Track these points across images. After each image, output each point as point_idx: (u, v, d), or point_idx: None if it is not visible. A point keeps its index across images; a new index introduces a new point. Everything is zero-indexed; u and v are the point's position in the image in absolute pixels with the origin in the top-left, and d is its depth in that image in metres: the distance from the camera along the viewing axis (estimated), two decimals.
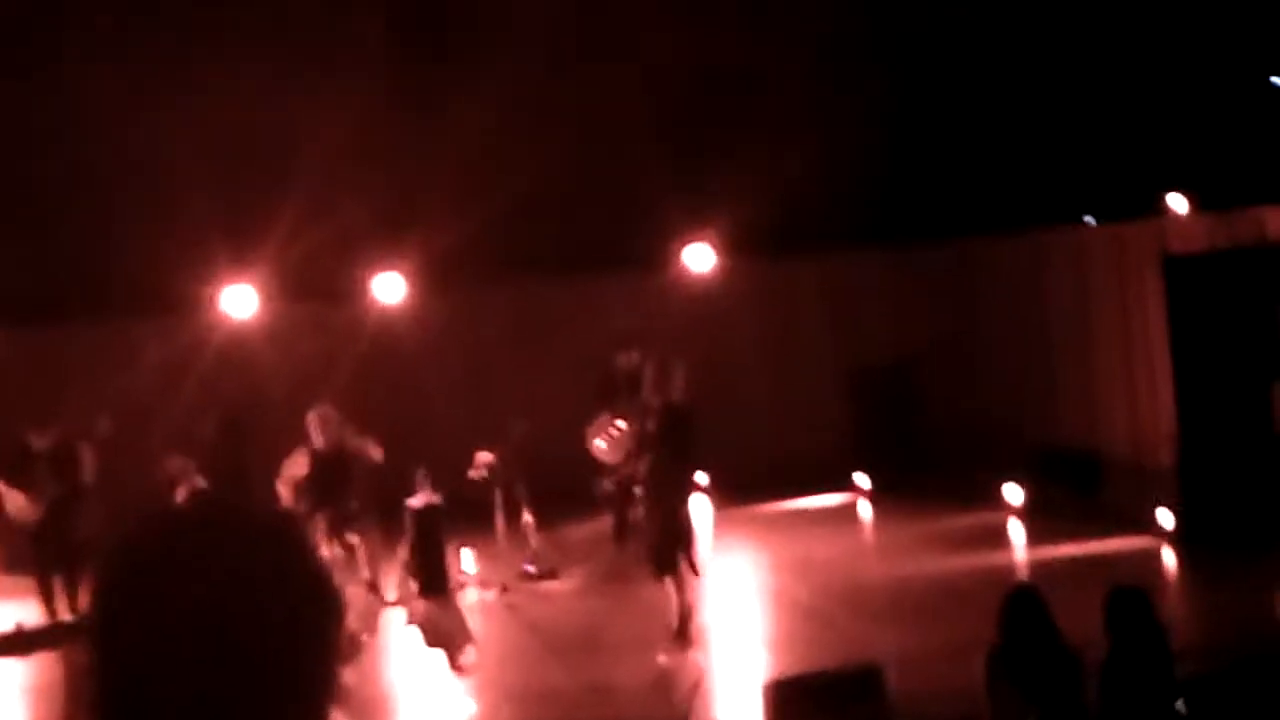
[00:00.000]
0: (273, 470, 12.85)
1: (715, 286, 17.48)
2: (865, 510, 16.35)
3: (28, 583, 13.14)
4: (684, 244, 17.34)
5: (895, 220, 16.96)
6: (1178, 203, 15.97)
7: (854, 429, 17.75)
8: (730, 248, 17.31)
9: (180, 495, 12.32)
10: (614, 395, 13.58)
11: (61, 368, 16.11)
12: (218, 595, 1.76)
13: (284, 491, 12.80)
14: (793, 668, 9.94)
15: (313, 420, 12.78)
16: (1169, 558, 12.75)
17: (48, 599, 12.81)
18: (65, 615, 12.66)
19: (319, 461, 12.82)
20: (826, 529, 15.32)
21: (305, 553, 1.87)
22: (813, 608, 12.19)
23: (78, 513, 12.87)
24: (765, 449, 17.13)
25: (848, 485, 16.79)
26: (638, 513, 12.44)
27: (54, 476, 12.80)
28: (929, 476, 16.17)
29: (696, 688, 10.18)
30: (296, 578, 1.83)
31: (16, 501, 12.84)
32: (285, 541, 1.86)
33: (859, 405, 17.87)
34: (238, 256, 16.08)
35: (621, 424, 13.09)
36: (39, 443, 12.95)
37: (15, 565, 13.83)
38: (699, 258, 17.45)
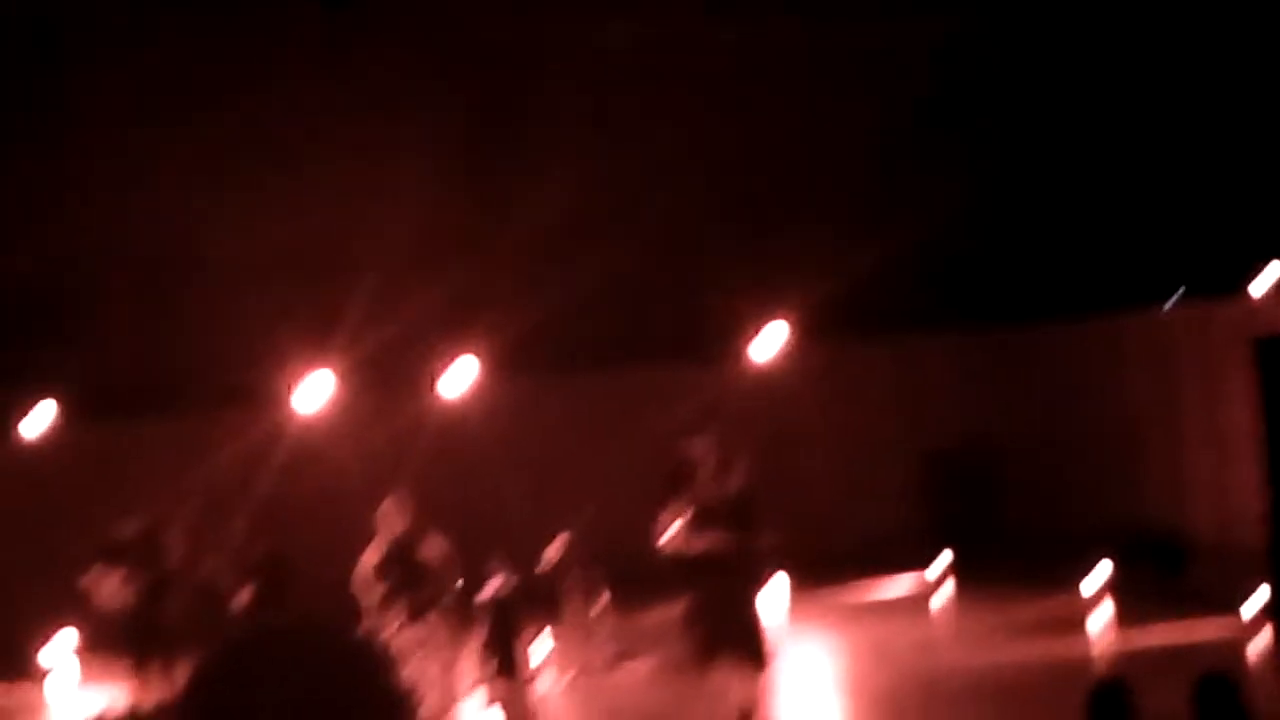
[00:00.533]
0: (348, 563, 12.89)
1: (785, 371, 17.43)
2: (942, 595, 16.14)
3: (116, 669, 13.23)
4: (753, 329, 17.32)
5: (969, 302, 16.92)
6: (1264, 280, 15.81)
7: (929, 512, 17.60)
8: (801, 331, 17.28)
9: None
10: (682, 485, 13.51)
11: (141, 461, 16.29)
12: (300, 710, 1.78)
13: (360, 584, 12.82)
14: None
15: (386, 510, 12.84)
16: (1259, 642, 12.47)
17: (136, 684, 12.84)
18: (152, 701, 12.71)
19: (394, 551, 12.85)
20: (902, 615, 15.13)
21: (386, 672, 1.90)
22: (890, 698, 11.98)
23: (167, 599, 12.99)
24: (839, 534, 17.03)
25: (924, 569, 16.60)
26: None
27: (142, 564, 12.86)
28: (1008, 560, 15.97)
29: None
30: (377, 695, 1.86)
31: (108, 589, 12.91)
32: (367, 660, 1.89)
33: (934, 488, 17.73)
34: (311, 348, 16.24)
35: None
36: (127, 531, 13.04)
37: (103, 651, 13.94)
38: (768, 342, 17.43)
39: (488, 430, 16.94)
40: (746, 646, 11.04)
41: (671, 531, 11.64)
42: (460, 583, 12.74)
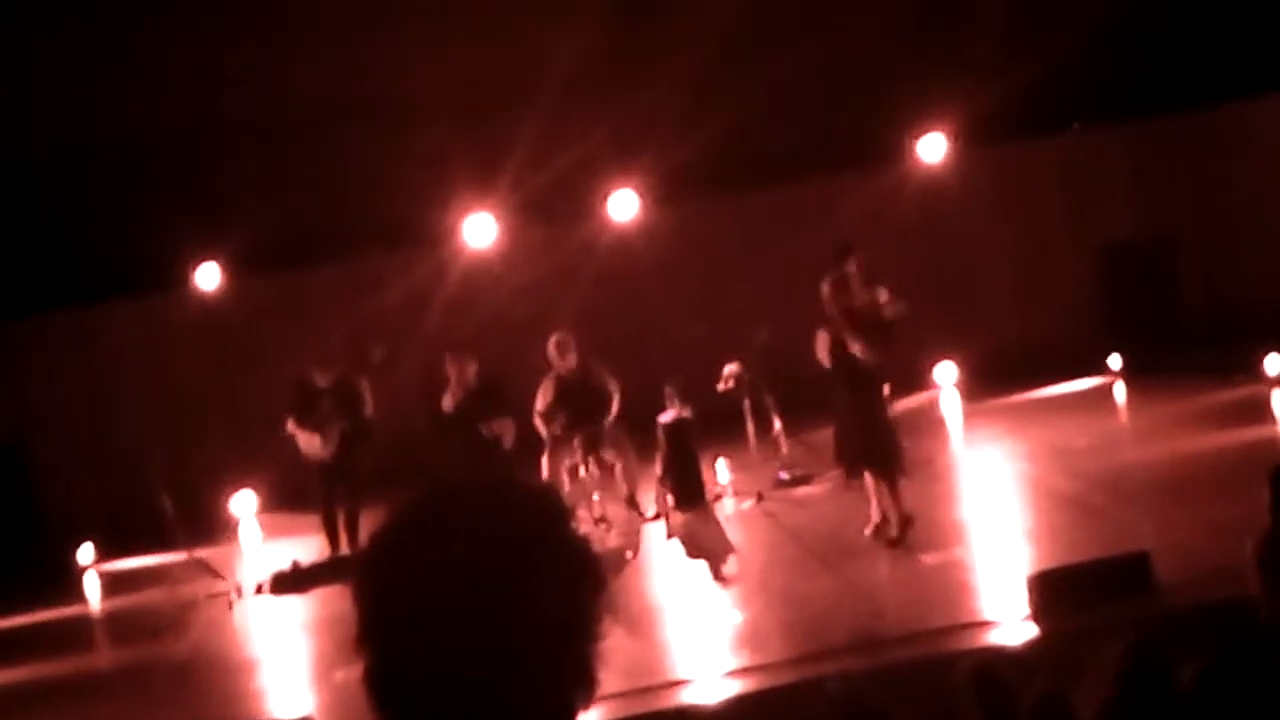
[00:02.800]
0: (526, 398, 13.30)
1: (951, 175, 17.28)
2: (1120, 393, 16.08)
3: (307, 520, 13.80)
4: (917, 135, 17.15)
5: (1137, 92, 16.47)
6: None
7: (1105, 310, 17.43)
8: (965, 135, 17.07)
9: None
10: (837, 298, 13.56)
11: (313, 306, 16.80)
12: (483, 559, 1.92)
13: (538, 420, 13.24)
14: (1056, 559, 9.95)
15: (554, 345, 13.18)
16: None
17: (332, 534, 13.28)
18: (346, 550, 13.19)
19: (566, 385, 13.22)
20: (1081, 414, 15.10)
21: (566, 525, 2.02)
22: (1072, 496, 12.07)
23: (363, 447, 13.34)
24: (1014, 337, 17.01)
25: (1101, 368, 16.53)
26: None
27: (340, 412, 13.13)
28: (1185, 354, 15.79)
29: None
30: (557, 547, 1.98)
31: (309, 440, 13.23)
32: (547, 513, 2.01)
33: (1109, 286, 17.52)
34: (477, 186, 16.54)
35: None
36: (323, 380, 13.26)
37: (296, 501, 14.54)
38: (933, 147, 17.25)
39: (655, 257, 17.13)
40: (891, 455, 11.32)
41: (822, 346, 11.86)
42: (635, 412, 13.09)
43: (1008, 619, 9.32)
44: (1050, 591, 9.28)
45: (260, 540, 15.69)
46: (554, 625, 1.92)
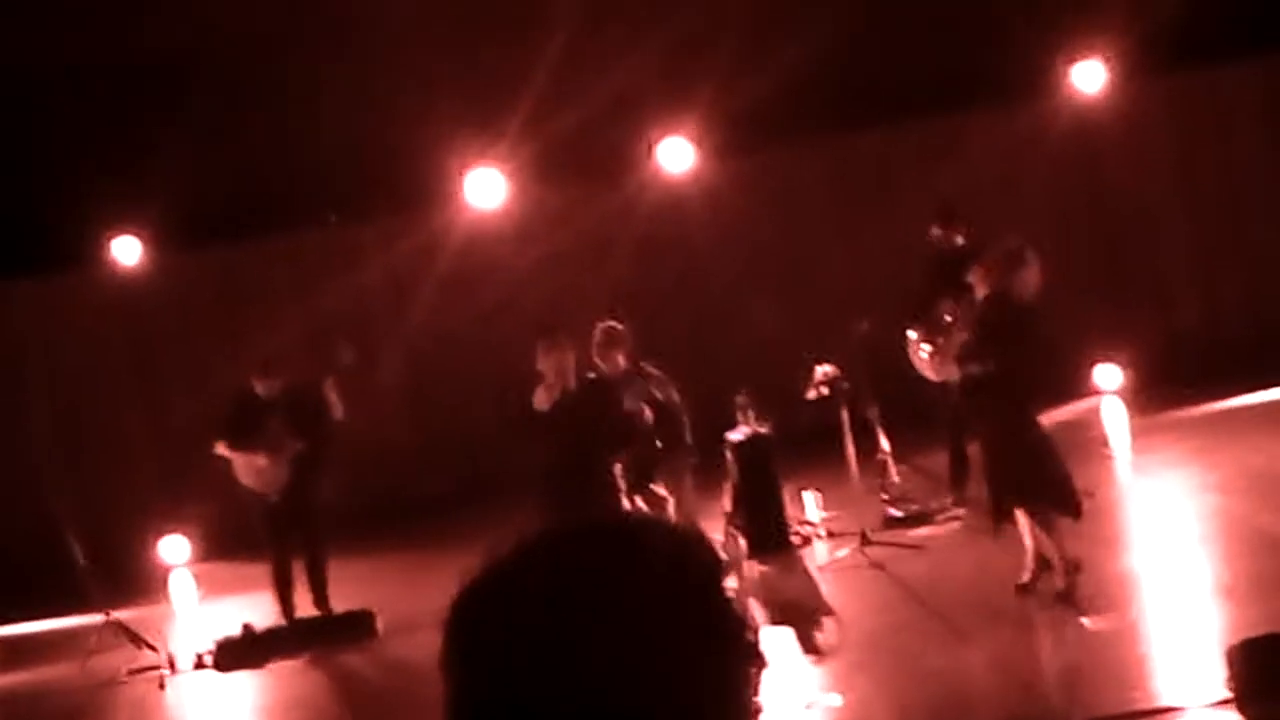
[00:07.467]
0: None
1: (1113, 114, 17.22)
2: None
3: (258, 570, 13.73)
4: (1068, 60, 17.08)
5: None
6: None
7: None
8: (1130, 60, 17.01)
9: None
10: (942, 282, 13.50)
11: (262, 291, 16.88)
12: (611, 627, 1.91)
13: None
14: (1265, 624, 9.87)
15: (600, 339, 13.07)
16: None
17: (284, 590, 13.29)
18: (318, 610, 13.23)
19: (602, 390, 13.15)
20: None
21: (718, 585, 2.01)
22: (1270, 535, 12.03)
23: (321, 470, 13.32)
24: (1198, 328, 16.95)
25: None
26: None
27: (293, 432, 13.08)
28: None
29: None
30: (708, 614, 1.98)
31: (251, 468, 13.17)
32: (696, 569, 2.00)
33: None
34: (479, 133, 16.55)
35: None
36: (269, 389, 13.22)
37: (243, 547, 14.52)
38: (1089, 76, 17.17)
39: (717, 224, 17.12)
40: (1049, 489, 11.22)
41: (927, 352, 11.81)
42: (699, 428, 13.05)
43: (1200, 704, 9.26)
44: (1258, 667, 9.21)
45: (198, 598, 15.69)
46: (697, 713, 1.94)
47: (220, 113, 16.38)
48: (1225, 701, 9.10)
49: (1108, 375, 17.34)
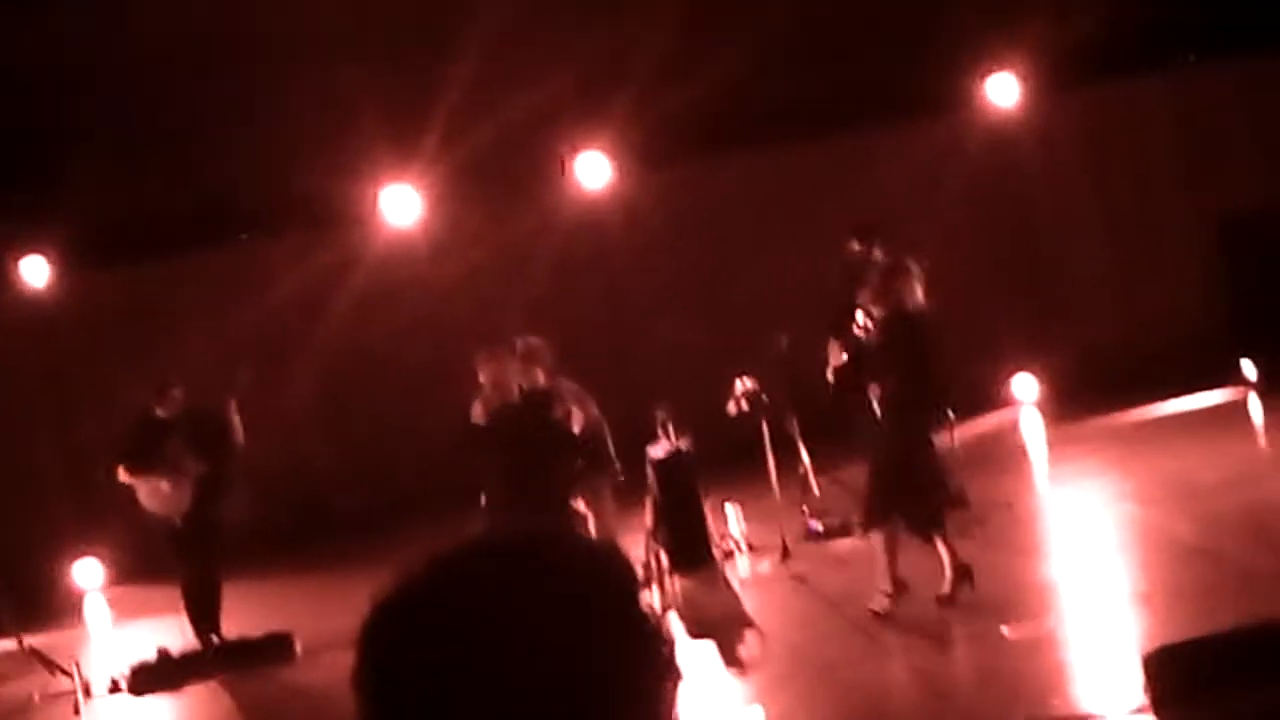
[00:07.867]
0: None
1: (1027, 127, 17.33)
2: (1256, 409, 16.11)
3: (172, 594, 13.67)
4: (982, 74, 17.18)
5: (1270, 18, 16.56)
6: None
7: (1231, 301, 17.49)
8: (1043, 74, 17.12)
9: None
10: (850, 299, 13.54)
11: (173, 310, 16.77)
12: (524, 645, 1.92)
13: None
14: (1180, 631, 9.93)
15: (519, 356, 12.99)
16: None
17: (196, 613, 13.25)
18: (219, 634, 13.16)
19: (518, 410, 13.09)
20: (1206, 439, 15.09)
21: (634, 599, 2.03)
22: (1198, 547, 12.04)
23: (226, 492, 13.31)
24: (1113, 339, 17.05)
25: (1230, 378, 16.54)
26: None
27: (193, 454, 13.10)
28: None
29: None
30: (623, 629, 1.99)
31: (152, 493, 13.16)
32: (612, 583, 2.02)
33: (1236, 268, 17.57)
34: (394, 149, 16.50)
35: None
36: (167, 411, 13.25)
37: (157, 570, 14.40)
38: (1003, 90, 17.28)
39: (635, 239, 17.12)
40: (891, 510, 11.32)
41: (835, 363, 11.88)
42: (618, 444, 13.03)
43: (1117, 710, 9.31)
44: (1173, 673, 9.26)
45: (112, 622, 15.57)
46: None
47: (129, 132, 16.26)
48: (1143, 708, 9.18)
49: (1025, 386, 17.45)
